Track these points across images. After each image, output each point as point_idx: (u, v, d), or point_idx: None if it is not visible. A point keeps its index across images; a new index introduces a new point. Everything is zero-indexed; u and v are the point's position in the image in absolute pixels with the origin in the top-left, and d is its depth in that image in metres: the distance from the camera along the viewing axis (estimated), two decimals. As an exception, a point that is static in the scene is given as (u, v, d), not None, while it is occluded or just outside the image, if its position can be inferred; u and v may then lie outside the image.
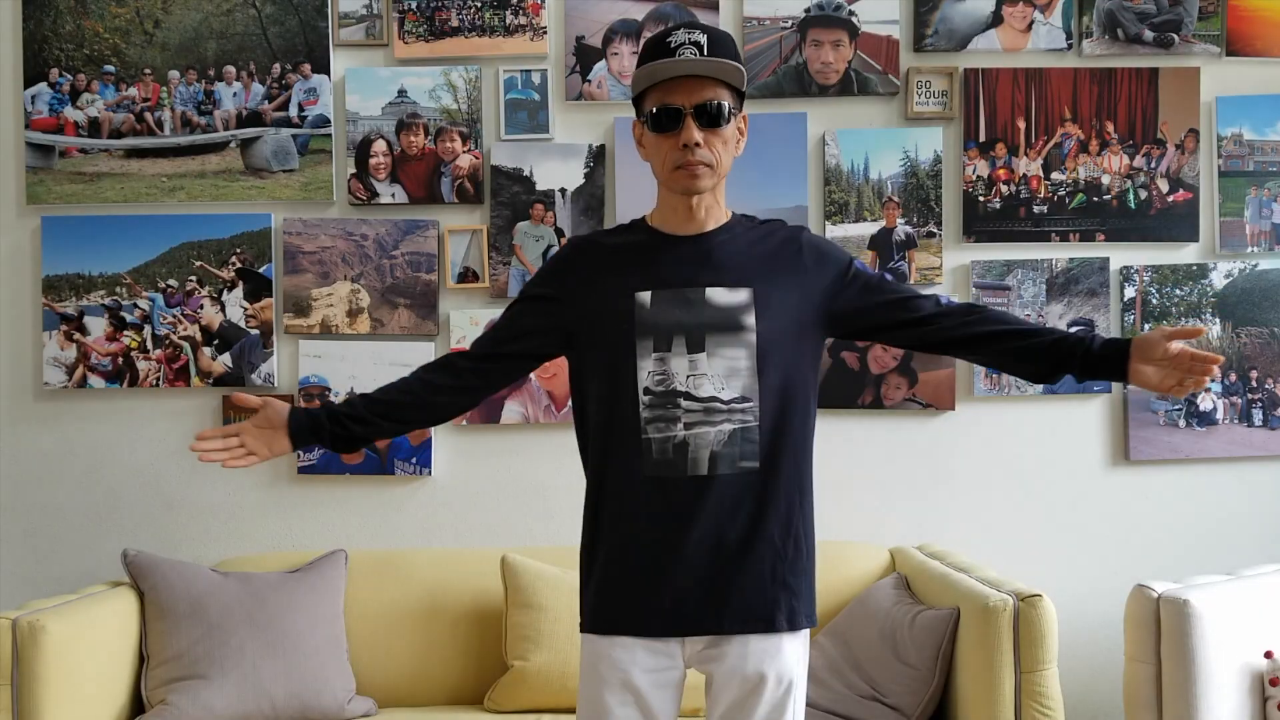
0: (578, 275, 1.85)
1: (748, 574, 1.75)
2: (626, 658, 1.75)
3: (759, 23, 3.22)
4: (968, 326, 1.83)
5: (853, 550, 3.08)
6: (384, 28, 3.23)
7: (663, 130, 1.74)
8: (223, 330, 3.22)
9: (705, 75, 1.73)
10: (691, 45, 1.72)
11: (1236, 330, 3.25)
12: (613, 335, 1.76)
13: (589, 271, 1.84)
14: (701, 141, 1.73)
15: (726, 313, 1.75)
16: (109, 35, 3.23)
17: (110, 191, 3.23)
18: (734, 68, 1.74)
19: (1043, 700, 2.43)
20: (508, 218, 3.21)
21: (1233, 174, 3.26)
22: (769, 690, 1.75)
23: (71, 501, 3.23)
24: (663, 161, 1.77)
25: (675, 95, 1.73)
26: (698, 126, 1.73)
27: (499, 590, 2.93)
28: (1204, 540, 3.22)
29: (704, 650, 1.78)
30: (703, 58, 1.72)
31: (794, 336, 1.79)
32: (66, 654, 2.55)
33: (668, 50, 1.73)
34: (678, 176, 1.76)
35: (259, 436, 1.84)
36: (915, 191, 3.23)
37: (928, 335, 1.85)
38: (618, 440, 1.76)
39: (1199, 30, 3.24)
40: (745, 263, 1.80)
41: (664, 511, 1.74)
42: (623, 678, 1.75)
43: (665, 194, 1.84)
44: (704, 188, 1.78)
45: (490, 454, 3.23)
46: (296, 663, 2.79)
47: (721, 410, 1.73)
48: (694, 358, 1.74)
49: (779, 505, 1.77)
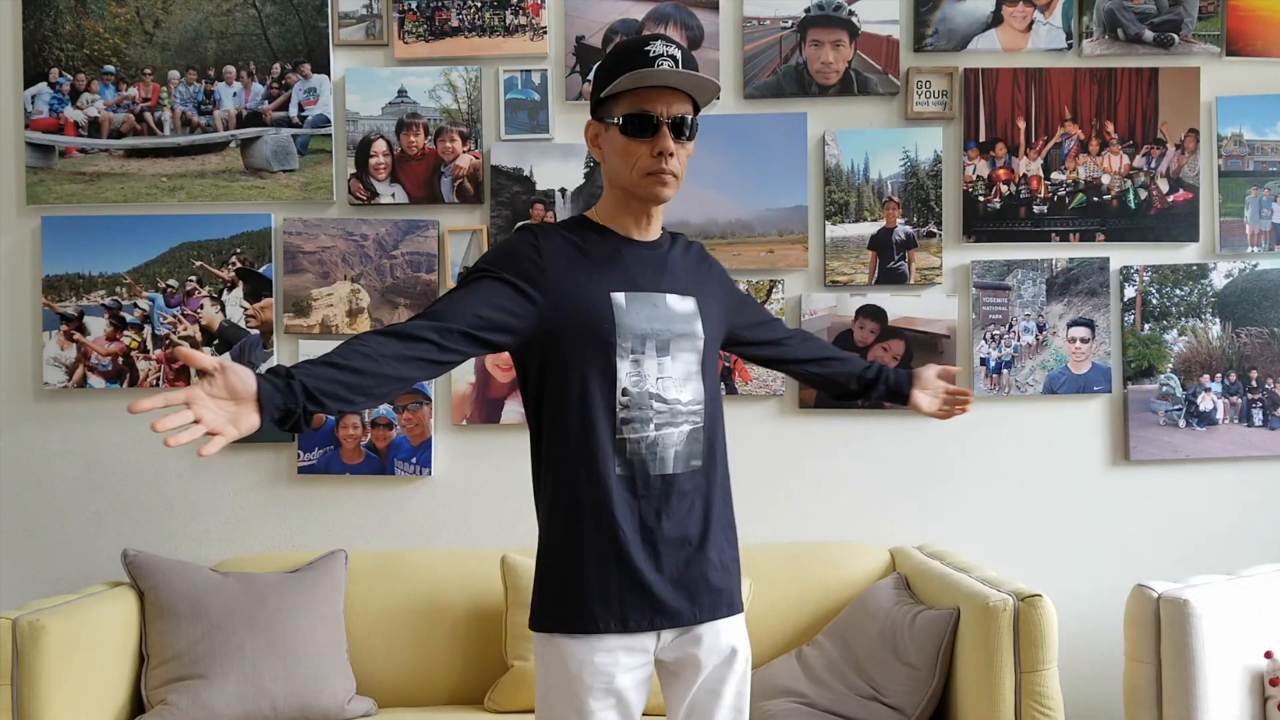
0: (549, 270, 1.77)
1: (709, 565, 1.84)
2: (609, 660, 1.76)
3: (759, 23, 3.22)
4: (808, 349, 2.19)
5: (853, 550, 3.08)
6: (384, 28, 3.23)
7: (637, 135, 1.78)
8: (223, 330, 3.22)
9: (682, 89, 1.79)
10: (669, 58, 1.77)
11: (1236, 330, 3.25)
12: (593, 335, 1.76)
13: (560, 267, 1.78)
14: (673, 152, 1.78)
15: (684, 319, 1.84)
16: (109, 35, 3.23)
17: (110, 191, 3.23)
18: (712, 84, 1.79)
19: (1043, 700, 2.43)
20: (508, 218, 3.21)
21: (1233, 174, 3.26)
22: (739, 663, 1.87)
23: (71, 501, 3.23)
24: (633, 165, 1.79)
25: (653, 104, 1.77)
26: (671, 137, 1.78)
27: (499, 590, 2.93)
28: (1204, 540, 3.23)
29: (675, 640, 1.83)
30: (685, 70, 1.76)
31: (718, 345, 1.95)
32: (66, 654, 2.55)
33: (646, 59, 1.76)
34: (648, 183, 1.80)
35: (219, 410, 1.45)
36: (915, 191, 3.23)
37: (778, 354, 2.14)
38: (593, 440, 1.76)
39: (1199, 30, 3.24)
40: (686, 273, 1.90)
41: (635, 509, 1.78)
42: (606, 683, 1.76)
43: (622, 197, 1.85)
44: (668, 196, 1.83)
45: (490, 454, 3.23)
46: (296, 663, 2.79)
47: (682, 412, 1.82)
48: (661, 360, 1.80)
49: (719, 500, 1.88)
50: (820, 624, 2.95)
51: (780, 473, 3.23)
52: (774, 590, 2.95)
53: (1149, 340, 3.24)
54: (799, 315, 3.22)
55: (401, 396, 3.18)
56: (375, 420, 3.19)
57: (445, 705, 2.94)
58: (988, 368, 3.22)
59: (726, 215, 3.18)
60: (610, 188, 1.87)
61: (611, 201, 1.87)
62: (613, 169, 1.83)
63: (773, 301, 3.21)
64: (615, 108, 1.80)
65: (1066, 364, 3.23)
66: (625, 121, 1.78)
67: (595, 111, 1.85)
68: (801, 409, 3.23)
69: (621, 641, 1.77)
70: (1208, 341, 3.25)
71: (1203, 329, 3.25)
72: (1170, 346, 3.24)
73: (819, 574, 3.01)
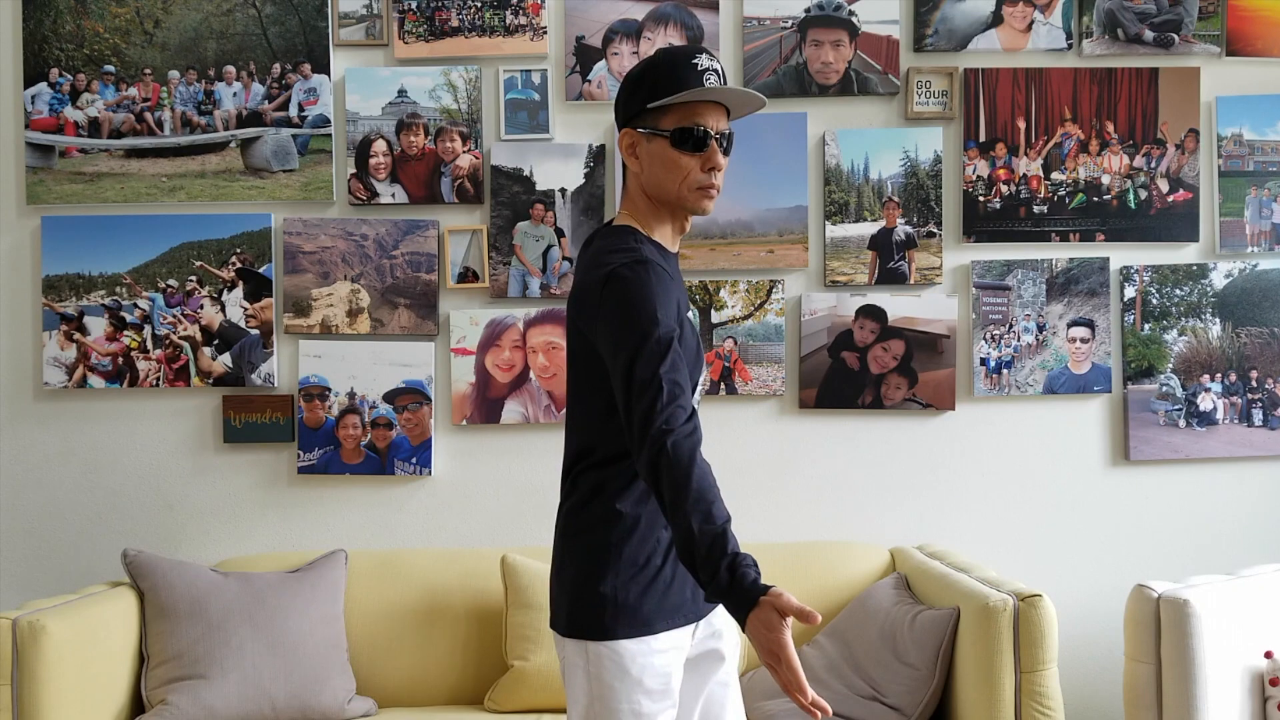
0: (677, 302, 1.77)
1: None
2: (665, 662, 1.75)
3: (759, 23, 3.22)
4: None
5: (853, 550, 3.08)
6: (384, 28, 3.23)
7: (689, 149, 1.77)
8: (223, 330, 3.22)
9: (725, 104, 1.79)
10: (713, 72, 1.78)
11: (1236, 330, 3.25)
12: (690, 359, 1.77)
13: (671, 298, 1.75)
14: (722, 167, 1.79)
15: None
16: (109, 35, 3.23)
17: (110, 191, 3.23)
18: (760, 99, 1.80)
19: (1043, 700, 2.43)
20: (508, 218, 3.21)
21: (1233, 174, 3.26)
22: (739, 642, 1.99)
23: (71, 501, 3.23)
24: (683, 179, 1.78)
25: (705, 118, 1.77)
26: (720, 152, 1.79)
27: (499, 590, 2.93)
28: (1204, 540, 3.23)
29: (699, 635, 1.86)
30: (738, 87, 1.78)
31: None
32: (66, 654, 2.55)
33: (695, 72, 1.76)
34: (697, 196, 1.80)
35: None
36: (915, 191, 3.23)
37: None
38: None
39: (1199, 30, 3.24)
40: None
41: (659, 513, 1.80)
42: (666, 684, 1.75)
43: (663, 210, 1.83)
44: (711, 210, 1.84)
45: (490, 454, 3.23)
46: (296, 663, 2.79)
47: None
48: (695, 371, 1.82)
49: None
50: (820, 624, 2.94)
51: (780, 473, 3.23)
52: (774, 590, 2.95)
53: (1149, 340, 3.24)
54: (799, 315, 3.22)
55: (401, 397, 3.19)
56: (375, 420, 3.19)
57: (445, 705, 2.94)
58: (988, 368, 3.22)
59: (726, 215, 3.18)
60: (647, 199, 1.83)
61: (649, 213, 1.84)
62: (656, 181, 1.80)
63: (773, 301, 3.21)
64: (663, 120, 1.77)
65: (1066, 364, 3.23)
66: (677, 135, 1.76)
67: (634, 120, 1.81)
68: (801, 409, 3.23)
69: (675, 640, 1.78)
70: (1208, 341, 3.25)
71: (1203, 329, 3.25)
72: (1170, 346, 3.24)
73: (819, 574, 3.01)
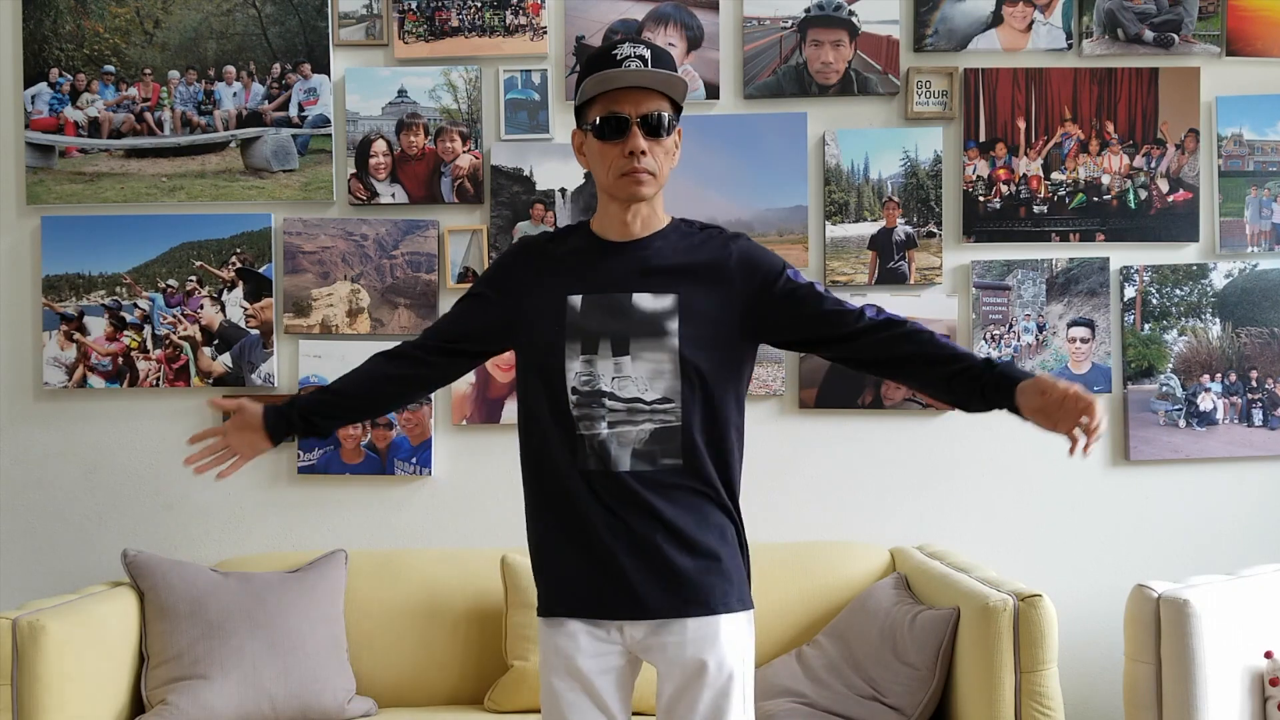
0: (517, 278, 1.93)
1: (678, 560, 1.82)
2: (570, 644, 1.85)
3: (759, 23, 3.22)
4: (889, 348, 1.86)
5: (853, 550, 3.08)
6: (384, 28, 3.23)
7: (608, 138, 1.83)
8: (223, 330, 3.22)
9: (650, 87, 1.82)
10: (637, 59, 1.80)
11: (1236, 330, 3.25)
12: (545, 336, 1.86)
13: (530, 274, 1.92)
14: (646, 150, 1.82)
15: (651, 318, 1.84)
16: (109, 35, 3.23)
17: (110, 191, 3.23)
18: (680, 80, 1.83)
19: (1043, 700, 2.43)
20: (508, 218, 3.21)
21: (1233, 174, 3.26)
22: (710, 677, 1.81)
23: (71, 501, 3.23)
24: (608, 168, 1.84)
25: (622, 105, 1.81)
26: (643, 136, 1.81)
27: (499, 590, 2.93)
28: (1204, 540, 3.22)
29: (645, 639, 1.85)
30: (650, 69, 1.80)
31: (715, 342, 1.85)
32: (66, 654, 2.55)
33: (614, 62, 1.81)
34: (623, 183, 1.84)
35: (240, 438, 2.00)
36: (915, 191, 3.23)
37: (851, 353, 1.90)
38: (555, 434, 1.85)
39: (1199, 30, 3.24)
40: (673, 269, 1.87)
41: (595, 502, 1.83)
42: (567, 663, 1.84)
43: (605, 201, 1.91)
44: (647, 195, 1.86)
45: (490, 454, 3.23)
46: (296, 663, 2.79)
47: (644, 410, 1.83)
48: (619, 360, 1.83)
49: (698, 499, 1.85)
50: (820, 624, 2.95)
51: (780, 473, 3.22)
52: (774, 590, 2.94)
53: (1149, 340, 3.24)
54: (799, 315, 3.22)
55: (401, 396, 3.20)
56: (375, 420, 3.19)
57: (445, 705, 2.94)
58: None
59: (726, 215, 3.18)
60: (599, 192, 1.92)
61: (601, 206, 1.93)
62: (596, 174, 1.90)
63: (773, 301, 3.21)
64: (590, 114, 1.85)
65: (1066, 364, 3.22)
66: (597, 126, 1.83)
67: (577, 121, 1.91)
68: (801, 409, 3.23)
69: (585, 626, 1.85)
70: (1208, 341, 3.25)
71: (1203, 329, 3.25)
72: (1170, 346, 3.24)
73: (819, 574, 3.01)
